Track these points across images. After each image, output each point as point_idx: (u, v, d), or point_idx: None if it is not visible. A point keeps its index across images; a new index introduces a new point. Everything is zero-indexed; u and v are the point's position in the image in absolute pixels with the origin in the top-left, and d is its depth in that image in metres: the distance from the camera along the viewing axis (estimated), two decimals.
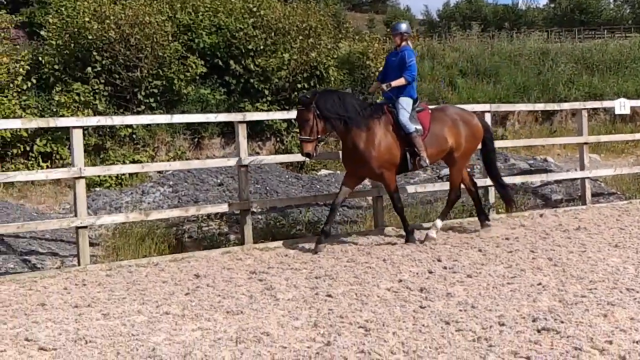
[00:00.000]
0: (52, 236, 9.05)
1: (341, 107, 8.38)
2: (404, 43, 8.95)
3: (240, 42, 15.61)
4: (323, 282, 6.90)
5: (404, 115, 8.63)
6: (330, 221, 8.62)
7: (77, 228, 7.93)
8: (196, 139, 15.41)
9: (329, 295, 6.38)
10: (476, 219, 9.56)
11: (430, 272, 7.13)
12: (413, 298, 6.22)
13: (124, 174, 13.32)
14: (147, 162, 13.93)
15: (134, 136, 14.63)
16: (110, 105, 14.63)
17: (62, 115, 13.41)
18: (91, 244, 8.49)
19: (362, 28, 29.79)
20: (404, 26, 9.07)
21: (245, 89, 15.72)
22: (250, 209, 8.94)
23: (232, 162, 9.07)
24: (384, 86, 8.80)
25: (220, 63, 15.78)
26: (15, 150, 13.65)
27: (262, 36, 15.65)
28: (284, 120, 15.28)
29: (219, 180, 10.92)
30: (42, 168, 13.45)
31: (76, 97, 14.04)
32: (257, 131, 15.52)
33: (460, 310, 5.80)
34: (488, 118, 10.42)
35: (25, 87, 14.17)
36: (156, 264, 8.01)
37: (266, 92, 15.49)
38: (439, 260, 7.68)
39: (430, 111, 9.03)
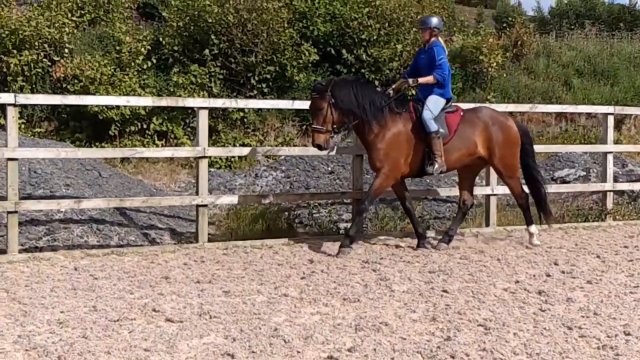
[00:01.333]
0: (169, 212, 9.36)
1: (358, 98, 7.89)
2: (433, 39, 8.39)
3: (354, 32, 15.62)
4: (437, 277, 6.87)
5: (427, 114, 8.06)
6: (357, 225, 8.11)
7: (198, 206, 8.19)
8: (304, 126, 15.56)
9: (445, 291, 6.35)
10: (593, 223, 9.28)
11: (548, 276, 7.00)
12: (532, 300, 6.12)
13: (233, 157, 13.62)
14: (257, 145, 14.20)
15: (245, 120, 14.92)
16: (224, 88, 14.95)
17: (179, 95, 13.81)
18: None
19: (470, 23, 29.19)
20: (434, 20, 8.46)
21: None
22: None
23: (347, 151, 9.15)
24: (410, 81, 8.34)
25: (333, 52, 15.84)
26: (132, 128, 14.13)
27: (376, 26, 15.61)
28: None
29: (329, 168, 11.02)
30: (157, 146, 13.90)
31: (193, 79, 14.40)
32: None
33: (583, 317, 5.68)
34: (611, 121, 10.07)
35: (145, 66, 14.62)
36: (270, 247, 8.19)
37: (377, 82, 15.45)
38: (556, 264, 7.53)
39: (462, 113, 8.47)
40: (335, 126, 7.88)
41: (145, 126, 14.47)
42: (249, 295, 6.15)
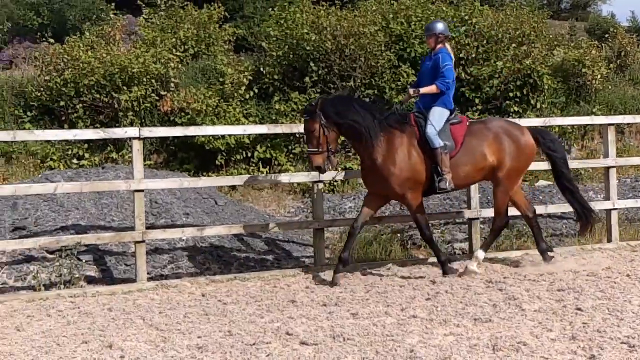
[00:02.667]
0: (284, 237, 9.48)
1: (353, 114, 7.45)
2: (439, 45, 7.89)
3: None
4: (568, 294, 6.68)
5: (431, 128, 7.57)
6: (349, 248, 7.63)
7: (315, 230, 8.27)
8: None
9: (579, 309, 6.16)
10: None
11: None
12: None
13: (336, 181, 13.72)
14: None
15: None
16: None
17: (282, 123, 14.05)
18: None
19: (563, 37, 28.42)
20: (440, 26, 7.97)
21: (454, 98, 15.58)
22: (479, 217, 8.87)
23: None
24: (411, 91, 7.90)
25: None
26: (237, 156, 14.46)
27: (474, 44, 15.48)
28: None
29: None
30: (262, 173, 14.15)
31: (294, 106, 14.63)
32: None
33: None
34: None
35: (247, 96, 14.96)
36: (388, 268, 8.16)
37: (477, 100, 15.27)
38: None
39: (468, 124, 7.94)
40: (331, 146, 7.48)
41: (249, 154, 14.77)
42: (377, 317, 6.13)
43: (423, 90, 7.78)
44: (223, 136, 13.68)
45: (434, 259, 8.26)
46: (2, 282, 7.76)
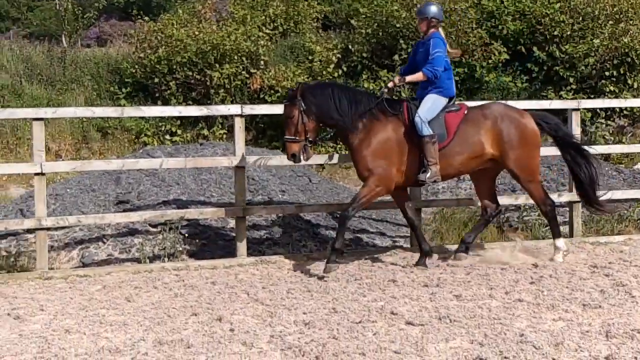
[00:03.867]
0: (377, 216, 9.47)
1: (334, 101, 7.09)
2: (432, 30, 7.44)
3: (545, 28, 15.13)
4: None
5: (419, 115, 7.14)
6: (340, 237, 7.14)
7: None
8: None
9: None
10: None
11: None
12: None
13: None
14: None
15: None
16: (413, 93, 14.95)
17: None
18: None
19: None
20: (433, 9, 7.46)
21: (548, 77, 15.22)
22: (580, 201, 8.64)
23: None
24: (396, 79, 7.51)
25: (523, 50, 15.43)
26: (325, 134, 14.51)
27: (569, 21, 15.03)
28: (588, 110, 14.53)
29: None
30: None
31: (382, 84, 14.53)
32: None
33: None
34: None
35: (336, 74, 14.96)
36: (485, 250, 8.06)
37: (571, 80, 14.86)
38: None
39: (465, 112, 7.48)
40: (309, 135, 7.12)
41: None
42: (482, 299, 6.06)
43: (409, 78, 7.45)
44: None
45: (531, 242, 8.11)
46: (108, 254, 8.03)
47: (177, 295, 6.44)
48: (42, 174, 7.36)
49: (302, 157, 7.12)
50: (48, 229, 7.49)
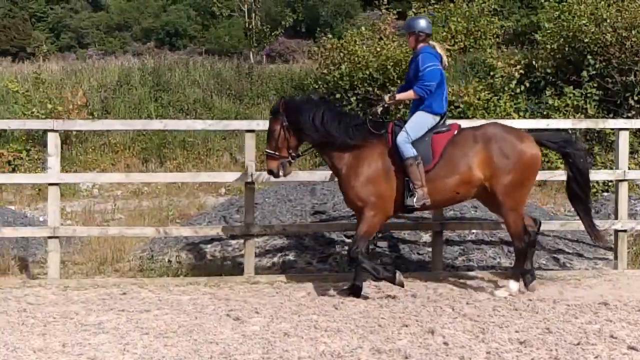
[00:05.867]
0: (572, 237, 9.16)
1: (319, 120, 6.75)
2: (420, 45, 6.94)
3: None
4: None
5: (403, 136, 6.69)
6: (358, 275, 6.91)
7: (616, 231, 7.91)
8: None
9: None
10: None
11: None
12: None
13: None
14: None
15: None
16: (599, 110, 14.39)
17: (552, 117, 13.58)
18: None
19: None
20: (421, 23, 7.00)
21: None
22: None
23: None
24: (386, 98, 7.08)
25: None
26: None
27: None
28: None
29: None
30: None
31: (568, 101, 14.10)
32: None
33: None
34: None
35: (518, 90, 14.66)
36: None
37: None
38: None
39: (455, 132, 6.90)
40: (291, 151, 6.89)
41: None
42: None
43: (399, 96, 7.06)
44: None
45: None
46: (306, 262, 8.30)
47: (382, 306, 6.54)
48: (252, 183, 7.75)
49: (280, 173, 6.93)
50: (256, 235, 7.87)
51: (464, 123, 7.46)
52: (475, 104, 13.97)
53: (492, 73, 14.77)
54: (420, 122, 6.85)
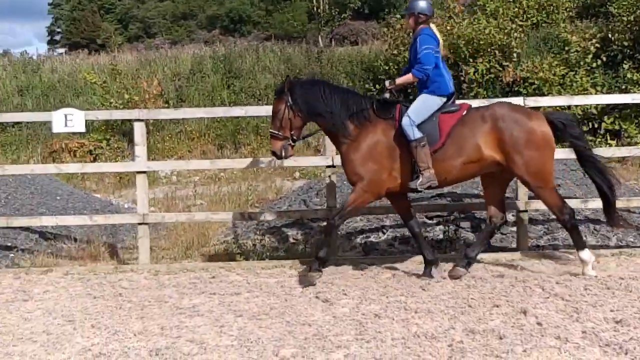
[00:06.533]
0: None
1: (324, 100, 6.74)
2: (420, 26, 6.81)
3: None
4: None
5: (407, 118, 6.60)
6: (324, 246, 6.84)
7: None
8: None
9: None
10: None
11: None
12: None
13: None
14: None
15: None
16: None
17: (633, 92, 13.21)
18: None
19: None
20: (420, 4, 6.82)
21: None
22: None
23: None
24: (386, 83, 6.93)
25: None
26: (584, 128, 13.93)
27: None
28: None
29: None
30: (610, 146, 13.47)
31: None
32: None
33: None
34: None
35: (594, 64, 14.32)
36: None
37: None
38: None
39: (464, 113, 6.75)
40: (294, 132, 6.82)
41: (596, 125, 14.17)
42: None
43: (399, 80, 6.93)
44: (569, 106, 13.25)
45: None
46: (388, 244, 8.34)
47: (469, 287, 6.53)
48: (333, 166, 7.84)
49: (282, 155, 6.86)
50: None
51: (475, 103, 7.44)
52: (550, 80, 13.72)
53: (566, 48, 14.47)
54: (424, 105, 6.78)
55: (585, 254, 6.75)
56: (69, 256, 8.65)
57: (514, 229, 8.14)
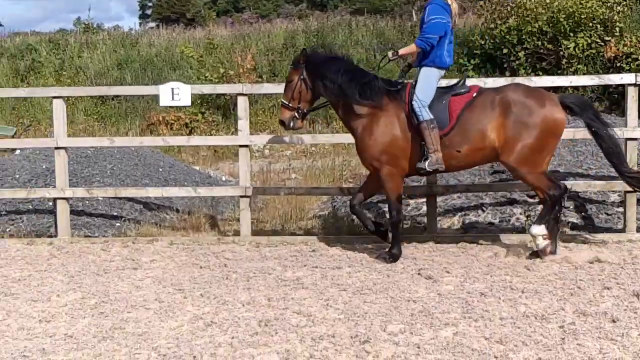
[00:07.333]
0: None
1: (338, 76, 6.66)
2: None
3: None
4: None
5: (416, 99, 6.50)
6: (396, 243, 6.88)
7: None
8: None
9: None
10: None
11: None
12: None
13: None
14: None
15: None
16: None
17: None
18: None
19: None
20: None
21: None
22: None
23: None
24: (389, 54, 6.79)
25: None
26: None
27: None
28: None
29: None
30: None
31: None
32: None
33: None
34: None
35: None
36: None
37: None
38: None
39: (474, 95, 6.57)
40: (302, 104, 6.89)
41: None
42: None
43: (402, 51, 6.81)
44: None
45: None
46: (488, 222, 8.24)
47: (577, 268, 6.39)
48: None
49: (290, 125, 6.96)
50: (439, 194, 7.93)
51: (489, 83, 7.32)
52: None
53: None
54: (426, 81, 6.67)
55: (537, 228, 6.60)
56: (172, 226, 8.91)
57: (620, 209, 7.89)
